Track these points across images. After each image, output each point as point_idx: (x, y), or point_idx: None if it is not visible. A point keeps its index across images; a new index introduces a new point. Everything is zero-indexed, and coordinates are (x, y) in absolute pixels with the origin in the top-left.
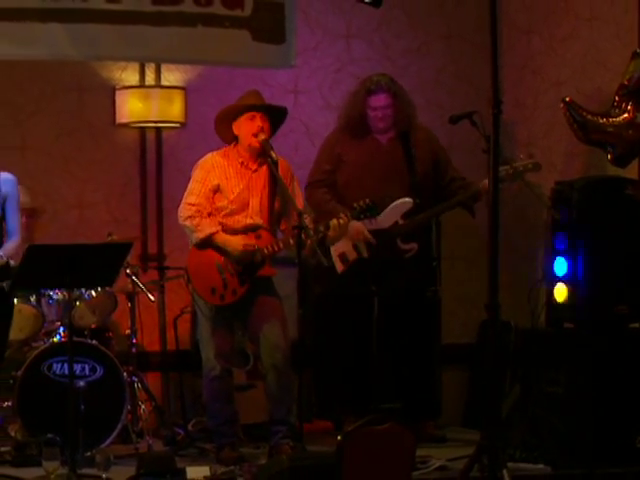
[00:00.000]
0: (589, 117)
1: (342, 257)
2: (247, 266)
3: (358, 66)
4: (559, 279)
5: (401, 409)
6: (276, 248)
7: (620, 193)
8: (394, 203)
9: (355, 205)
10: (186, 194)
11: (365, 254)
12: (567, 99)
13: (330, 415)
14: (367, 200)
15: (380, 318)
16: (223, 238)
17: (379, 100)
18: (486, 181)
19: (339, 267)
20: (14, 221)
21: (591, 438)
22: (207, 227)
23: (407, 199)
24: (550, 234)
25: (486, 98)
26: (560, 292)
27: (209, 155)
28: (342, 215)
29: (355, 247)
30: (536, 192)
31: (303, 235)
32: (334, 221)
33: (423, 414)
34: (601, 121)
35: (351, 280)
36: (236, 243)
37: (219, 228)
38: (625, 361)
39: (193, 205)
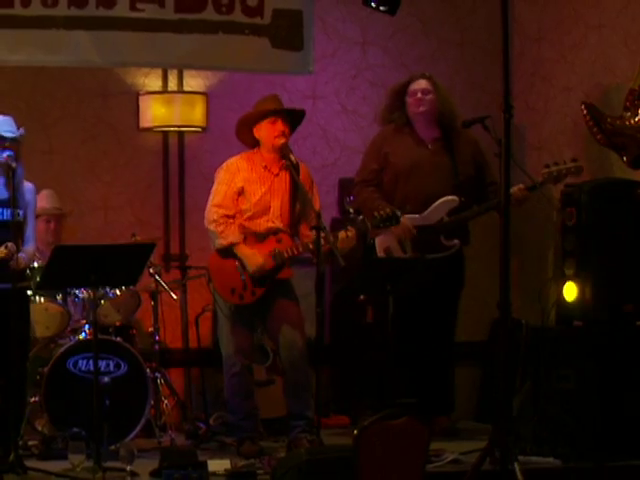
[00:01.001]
0: (609, 120)
1: (387, 251)
2: (258, 280)
3: (374, 72)
4: (569, 278)
5: (415, 404)
6: (295, 252)
7: (627, 195)
8: (440, 200)
9: (375, 214)
10: (212, 196)
11: (409, 251)
12: (587, 102)
13: (346, 410)
14: (387, 210)
15: (395, 317)
16: (243, 251)
17: (420, 84)
18: (515, 188)
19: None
20: (31, 228)
21: (600, 432)
22: (230, 236)
23: (453, 197)
24: (560, 235)
25: (498, 103)
26: (569, 291)
27: (234, 158)
28: (350, 228)
29: (400, 243)
30: (546, 194)
31: (322, 239)
32: (342, 233)
33: (437, 409)
34: (618, 123)
35: (366, 280)
36: (254, 259)
37: (241, 239)
38: (632, 358)
39: (219, 207)
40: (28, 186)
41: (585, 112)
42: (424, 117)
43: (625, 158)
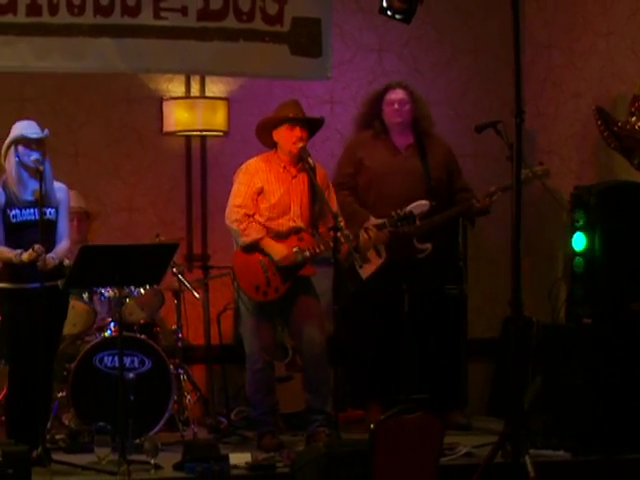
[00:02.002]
0: (619, 124)
1: (364, 260)
2: (287, 269)
3: (390, 78)
4: (578, 277)
5: (428, 399)
6: (317, 250)
7: (634, 197)
8: (413, 204)
9: (393, 214)
10: (232, 197)
11: (384, 254)
12: (598, 106)
13: (363, 405)
14: (406, 210)
15: (410, 314)
16: (268, 244)
17: (396, 94)
18: (473, 201)
19: (363, 271)
20: (64, 226)
21: (608, 426)
22: (253, 232)
23: (424, 201)
24: (569, 235)
25: (509, 108)
26: (578, 290)
27: (252, 160)
28: (370, 227)
29: (375, 249)
30: (556, 197)
31: (340, 238)
32: (364, 235)
33: (450, 404)
34: (628, 127)
35: (383, 279)
36: (280, 250)
37: (264, 234)
38: (639, 354)
39: (240, 207)
40: (59, 186)
41: (597, 116)
42: (400, 126)
43: (636, 161)
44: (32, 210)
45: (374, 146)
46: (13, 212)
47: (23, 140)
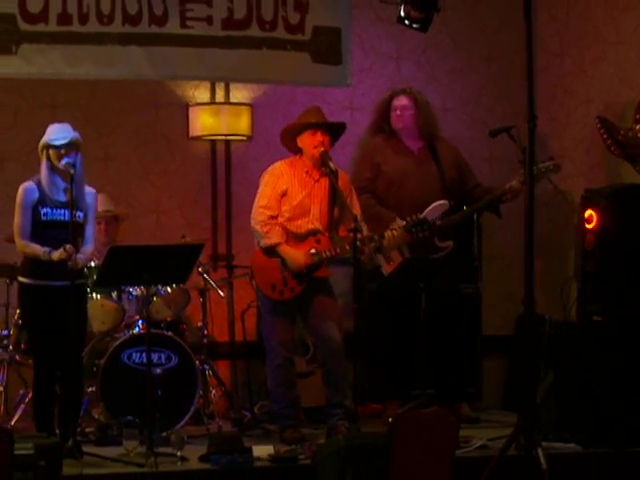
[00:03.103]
0: (622, 132)
1: (387, 260)
2: (297, 276)
3: (407, 85)
4: (589, 276)
5: (437, 394)
6: (333, 253)
7: None
8: (433, 205)
9: (408, 219)
10: (258, 198)
11: (407, 254)
12: (601, 116)
13: (382, 399)
14: (420, 215)
15: (427, 313)
16: (285, 251)
17: (400, 100)
18: (512, 182)
19: (385, 268)
20: (91, 229)
21: (618, 420)
22: (274, 237)
23: (444, 201)
24: (580, 236)
25: (522, 114)
26: (589, 289)
27: (278, 163)
28: (396, 227)
29: (399, 249)
30: (567, 198)
31: (360, 242)
32: (389, 233)
33: (465, 398)
34: (630, 134)
35: (401, 278)
36: (296, 259)
37: (284, 240)
38: None
39: (265, 208)
40: (90, 190)
41: (599, 126)
42: (406, 131)
43: (637, 167)
44: (62, 211)
45: (389, 151)
46: (44, 210)
47: (51, 147)
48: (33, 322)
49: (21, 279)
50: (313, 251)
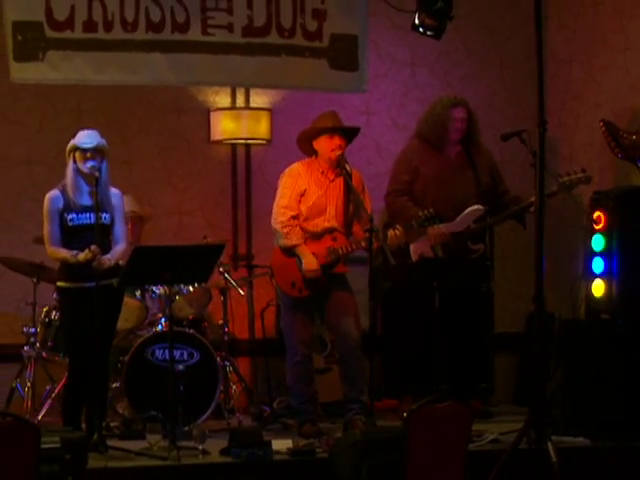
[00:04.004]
0: (625, 135)
1: (421, 256)
2: (309, 281)
3: (422, 91)
4: (597, 276)
5: (451, 390)
6: (349, 249)
7: None
8: (468, 210)
9: (420, 214)
10: (278, 198)
11: (440, 254)
12: (606, 120)
13: (397, 395)
14: (431, 210)
15: (441, 310)
16: (303, 252)
17: (460, 112)
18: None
19: (415, 259)
20: (120, 229)
21: (625, 414)
22: (294, 238)
23: (479, 206)
24: (588, 237)
25: (533, 119)
26: (598, 288)
27: (294, 165)
28: (398, 227)
29: (432, 248)
30: (576, 200)
31: (373, 237)
32: (391, 232)
33: (477, 394)
34: (634, 138)
35: (416, 277)
36: (310, 262)
37: (302, 241)
38: None
39: (286, 208)
40: (115, 192)
41: (604, 129)
42: (457, 140)
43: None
44: (88, 214)
45: (427, 154)
46: (70, 216)
47: (78, 149)
48: (72, 324)
49: (59, 284)
50: (330, 248)
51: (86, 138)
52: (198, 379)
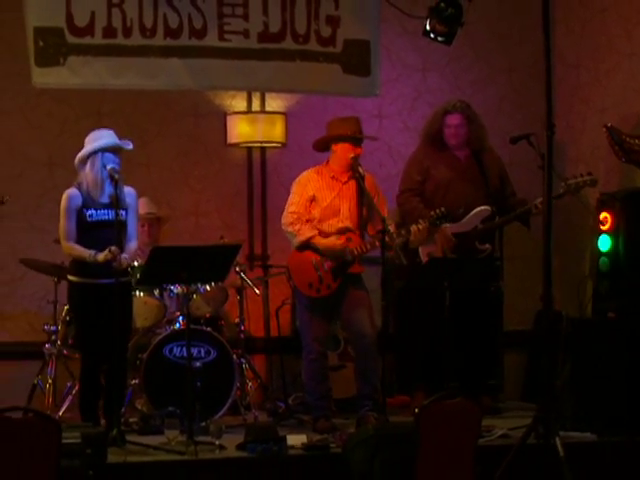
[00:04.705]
0: (627, 139)
1: (429, 255)
2: (339, 264)
3: (432, 95)
4: (603, 254)
5: (461, 386)
6: (364, 249)
7: None
8: (475, 210)
9: (432, 213)
10: (287, 204)
11: (449, 254)
12: (609, 125)
13: (409, 391)
14: (442, 209)
15: (451, 309)
16: (320, 242)
17: (453, 119)
18: (539, 201)
19: (423, 258)
20: (133, 227)
21: (631, 410)
22: (307, 232)
23: (486, 207)
24: (595, 237)
25: (541, 122)
26: (604, 263)
27: (305, 172)
28: (421, 221)
29: (442, 249)
30: (583, 202)
31: (387, 239)
32: (414, 227)
33: (487, 390)
34: (637, 142)
35: (427, 276)
36: (331, 244)
37: (316, 232)
38: None
39: (294, 213)
40: (128, 190)
41: (607, 134)
42: (457, 145)
43: None
44: (106, 211)
45: (438, 157)
46: (89, 212)
47: (114, 148)
48: (81, 318)
49: (70, 278)
50: (347, 249)
51: (111, 138)
52: (215, 376)
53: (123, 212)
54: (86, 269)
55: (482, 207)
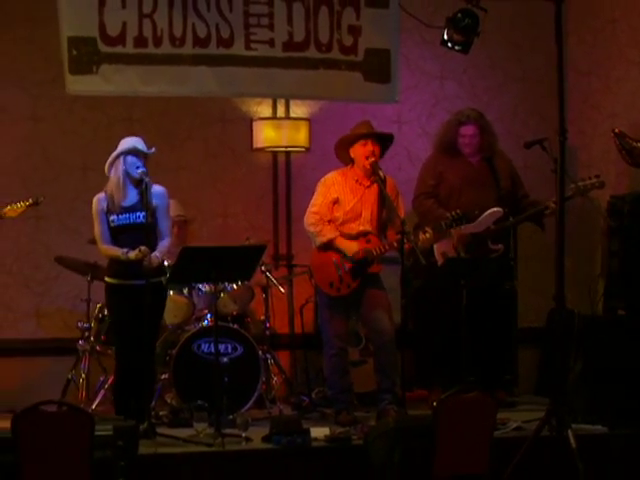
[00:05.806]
0: (635, 144)
1: (443, 255)
2: (359, 264)
3: (450, 102)
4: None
5: (477, 381)
6: (383, 250)
7: None
8: (488, 211)
9: (448, 215)
10: (310, 204)
11: (462, 254)
12: (616, 130)
13: (427, 385)
14: (458, 211)
15: (467, 307)
16: (340, 242)
17: (467, 130)
18: (551, 203)
19: (440, 261)
20: (164, 225)
21: None
22: (328, 233)
23: (498, 209)
24: (606, 238)
25: (554, 128)
26: (614, 263)
27: (330, 174)
28: (428, 229)
29: (455, 249)
30: (594, 204)
31: (404, 239)
32: (422, 235)
33: (502, 385)
34: None
35: (444, 276)
36: (352, 247)
37: (337, 234)
38: None
39: (316, 213)
40: (159, 190)
41: (615, 138)
42: (470, 153)
43: None
44: (126, 215)
45: (451, 163)
46: (112, 217)
47: (135, 152)
48: (116, 317)
49: (107, 279)
50: (365, 249)
51: (137, 144)
52: (241, 371)
53: (143, 214)
54: (121, 270)
55: (495, 209)
